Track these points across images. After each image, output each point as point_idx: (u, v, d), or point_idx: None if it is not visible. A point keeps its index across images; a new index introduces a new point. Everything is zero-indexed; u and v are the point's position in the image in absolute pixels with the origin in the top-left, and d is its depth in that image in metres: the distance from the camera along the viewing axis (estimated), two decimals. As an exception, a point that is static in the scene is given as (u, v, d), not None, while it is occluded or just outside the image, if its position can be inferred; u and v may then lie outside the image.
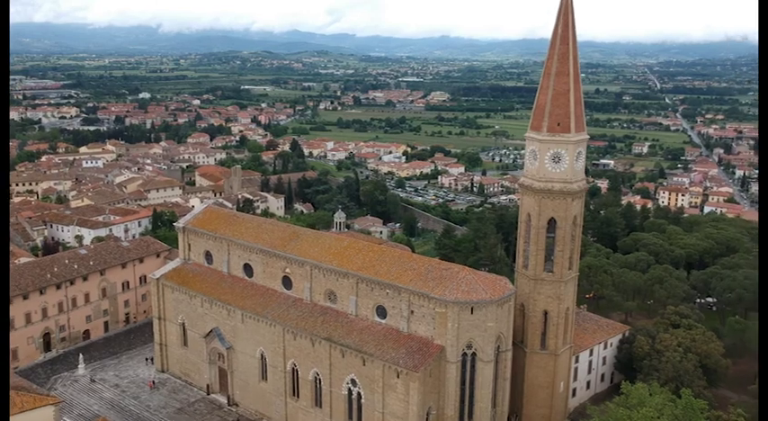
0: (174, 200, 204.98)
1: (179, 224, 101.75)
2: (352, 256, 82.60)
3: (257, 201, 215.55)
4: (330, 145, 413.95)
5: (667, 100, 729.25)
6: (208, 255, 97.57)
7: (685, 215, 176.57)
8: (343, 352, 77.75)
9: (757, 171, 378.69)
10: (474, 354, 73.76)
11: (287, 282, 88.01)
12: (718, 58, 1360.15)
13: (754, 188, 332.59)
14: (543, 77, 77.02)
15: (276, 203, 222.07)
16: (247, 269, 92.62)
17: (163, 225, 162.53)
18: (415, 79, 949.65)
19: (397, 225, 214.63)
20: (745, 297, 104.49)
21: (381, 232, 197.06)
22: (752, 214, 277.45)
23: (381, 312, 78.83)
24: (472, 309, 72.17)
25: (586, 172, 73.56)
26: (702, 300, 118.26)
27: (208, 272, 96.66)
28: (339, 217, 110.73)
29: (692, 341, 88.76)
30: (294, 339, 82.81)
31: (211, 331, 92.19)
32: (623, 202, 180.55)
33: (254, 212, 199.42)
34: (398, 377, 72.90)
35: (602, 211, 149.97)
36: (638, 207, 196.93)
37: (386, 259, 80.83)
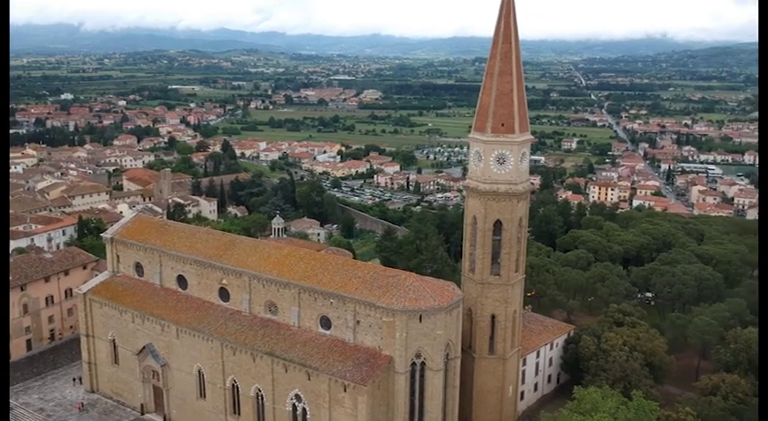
0: (100, 206, 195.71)
1: (107, 235, 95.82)
2: (292, 265, 79.04)
3: (189, 205, 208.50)
4: (263, 145, 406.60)
5: (593, 96, 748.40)
6: (138, 267, 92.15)
7: (621, 210, 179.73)
8: (286, 366, 74.15)
9: (680, 164, 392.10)
10: (423, 364, 71.38)
11: (224, 293, 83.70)
12: (640, 55, 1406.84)
13: (679, 181, 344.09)
14: (486, 77, 75.24)
15: (208, 207, 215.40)
16: (181, 281, 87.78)
17: (89, 233, 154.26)
18: (347, 77, 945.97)
19: (335, 226, 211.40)
20: (685, 292, 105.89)
21: (319, 234, 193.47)
22: (678, 207, 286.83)
23: (326, 323, 75.59)
24: (421, 317, 69.75)
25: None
26: (641, 296, 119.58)
27: (139, 284, 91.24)
28: (277, 222, 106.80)
29: (636, 339, 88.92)
30: (233, 354, 78.65)
31: (144, 348, 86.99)
32: (559, 199, 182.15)
33: (185, 217, 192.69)
34: (345, 391, 69.87)
35: (540, 209, 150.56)
36: (574, 203, 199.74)
37: (329, 267, 77.62)
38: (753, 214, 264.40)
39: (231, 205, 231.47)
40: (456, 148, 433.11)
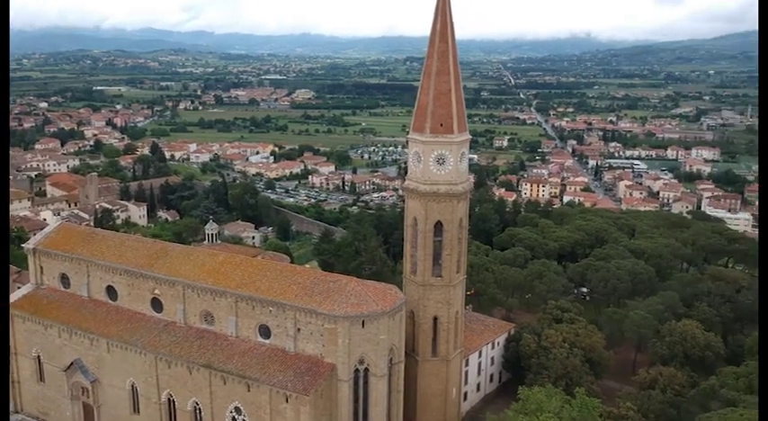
0: (22, 213, 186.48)
1: (29, 245, 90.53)
2: (229, 273, 76.29)
3: (117, 210, 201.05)
4: (193, 147, 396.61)
5: (522, 95, 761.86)
6: (64, 279, 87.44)
7: (554, 207, 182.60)
8: (224, 378, 71.40)
9: (607, 160, 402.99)
10: (367, 370, 69.98)
11: (157, 304, 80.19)
12: (565, 54, 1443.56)
13: (607, 177, 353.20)
14: (423, 77, 74.33)
15: (138, 212, 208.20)
16: (111, 292, 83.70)
17: (11, 243, 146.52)
18: (278, 77, 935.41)
19: (270, 229, 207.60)
20: (620, 287, 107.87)
21: (254, 237, 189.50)
22: (606, 202, 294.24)
23: (265, 332, 73.21)
24: (363, 322, 68.28)
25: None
26: (577, 291, 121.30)
27: (65, 297, 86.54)
28: (211, 228, 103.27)
29: (575, 335, 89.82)
30: (168, 367, 75.35)
31: (72, 363, 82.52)
32: (495, 197, 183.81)
33: (114, 222, 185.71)
34: (287, 401, 67.76)
35: (476, 208, 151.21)
36: (509, 200, 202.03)
37: (267, 274, 75.22)
38: (677, 208, 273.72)
39: (162, 209, 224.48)
40: (390, 148, 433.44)
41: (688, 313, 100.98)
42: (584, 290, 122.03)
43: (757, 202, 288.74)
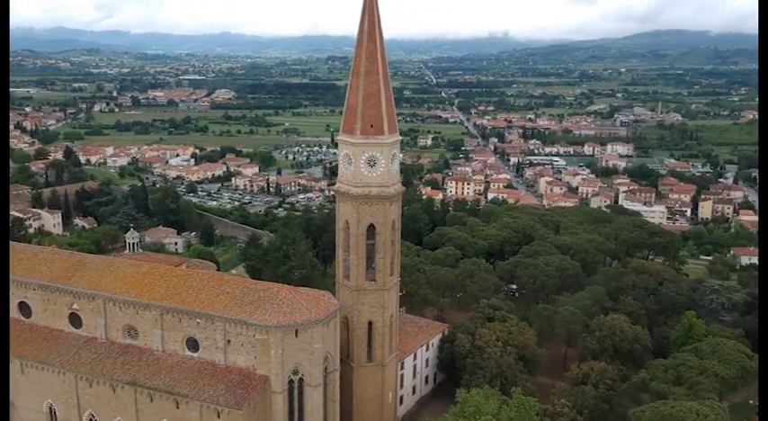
0: None
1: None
2: (153, 284, 72.62)
3: (29, 219, 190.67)
4: (110, 150, 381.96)
5: (444, 94, 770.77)
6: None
7: (481, 206, 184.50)
8: (151, 395, 67.88)
9: (528, 157, 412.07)
10: (301, 380, 67.91)
11: (75, 319, 75.67)
12: (484, 54, 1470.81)
13: (528, 173, 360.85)
14: (352, 77, 72.72)
15: (52, 220, 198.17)
16: (24, 308, 78.46)
17: None
18: (197, 77, 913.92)
19: (193, 234, 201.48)
20: (548, 283, 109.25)
21: (177, 243, 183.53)
22: (529, 198, 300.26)
23: (193, 345, 70.03)
24: (297, 331, 66.15)
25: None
26: (507, 288, 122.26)
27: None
28: (132, 237, 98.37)
29: (508, 333, 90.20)
30: (90, 386, 71.14)
31: (-18, 387, 76.92)
32: (423, 197, 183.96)
33: (26, 232, 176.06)
34: (219, 417, 64.98)
35: (405, 208, 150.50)
36: (437, 199, 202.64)
37: (193, 284, 72.00)
38: (596, 202, 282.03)
39: (78, 217, 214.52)
40: (315, 148, 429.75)
41: (615, 307, 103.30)
42: (514, 287, 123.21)
43: (670, 195, 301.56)
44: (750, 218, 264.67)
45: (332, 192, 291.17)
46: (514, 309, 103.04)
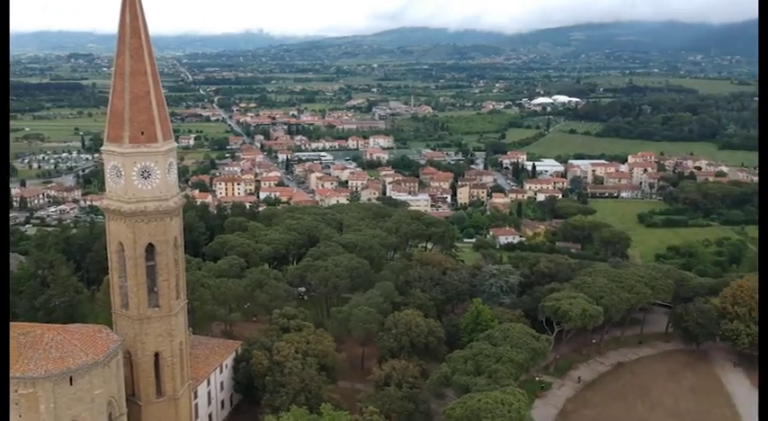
0: None
1: None
2: None
3: None
4: None
5: (202, 91, 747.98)
6: None
7: (261, 208, 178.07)
8: None
9: (296, 154, 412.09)
10: (82, 435, 57.84)
11: None
12: (240, 50, 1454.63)
13: (298, 170, 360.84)
14: (116, 78, 63.27)
15: None
16: None
17: None
18: None
19: None
20: (340, 284, 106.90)
21: None
22: (301, 195, 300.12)
23: (-67, 413, 56.54)
24: (71, 379, 56.18)
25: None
26: (296, 292, 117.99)
27: None
28: None
29: (307, 343, 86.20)
30: None
31: None
32: (197, 203, 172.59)
33: None
34: (-22, 497, 52.90)
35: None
36: (210, 202, 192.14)
37: (-73, 336, 58.15)
38: (366, 195, 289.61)
39: None
40: (64, 154, 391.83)
41: (405, 301, 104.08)
42: (302, 289, 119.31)
43: (431, 184, 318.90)
44: (501, 200, 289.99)
45: (88, 203, 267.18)
46: (309, 316, 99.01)
